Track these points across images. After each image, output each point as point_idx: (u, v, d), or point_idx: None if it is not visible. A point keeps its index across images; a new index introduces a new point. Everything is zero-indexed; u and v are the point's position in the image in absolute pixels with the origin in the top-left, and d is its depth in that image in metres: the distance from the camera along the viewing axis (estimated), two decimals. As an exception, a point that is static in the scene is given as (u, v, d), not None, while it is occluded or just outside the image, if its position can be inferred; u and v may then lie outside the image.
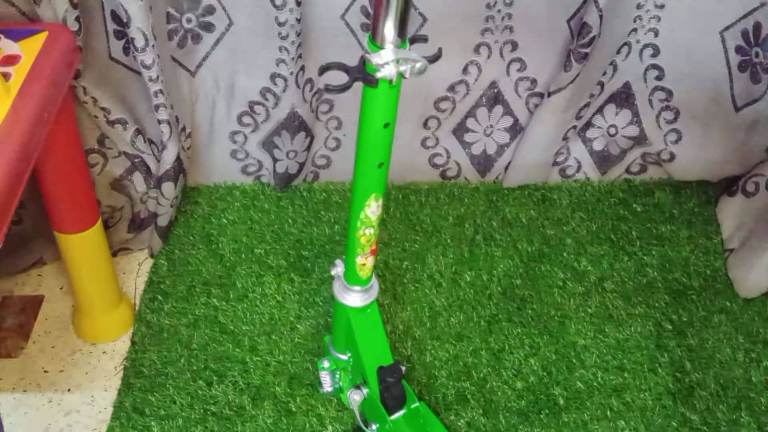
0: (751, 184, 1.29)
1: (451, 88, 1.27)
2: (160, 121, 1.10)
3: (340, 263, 0.93)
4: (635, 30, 1.22)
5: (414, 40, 0.73)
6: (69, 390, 1.08)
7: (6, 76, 0.80)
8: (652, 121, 1.32)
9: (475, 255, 1.27)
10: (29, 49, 0.84)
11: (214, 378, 1.09)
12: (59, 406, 1.06)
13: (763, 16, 1.15)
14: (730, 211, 1.32)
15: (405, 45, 0.69)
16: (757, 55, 1.18)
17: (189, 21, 1.13)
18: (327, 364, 1.03)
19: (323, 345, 1.11)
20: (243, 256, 1.25)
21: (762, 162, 1.29)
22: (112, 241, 1.23)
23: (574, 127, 1.32)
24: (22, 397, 1.07)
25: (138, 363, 1.11)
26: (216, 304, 1.18)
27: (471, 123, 1.33)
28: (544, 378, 1.11)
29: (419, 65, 0.68)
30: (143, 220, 1.26)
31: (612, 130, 1.35)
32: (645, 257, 1.28)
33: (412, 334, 1.16)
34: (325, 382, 1.03)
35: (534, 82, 1.28)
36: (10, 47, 0.84)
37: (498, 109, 1.31)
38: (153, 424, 1.03)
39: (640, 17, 1.20)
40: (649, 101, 1.30)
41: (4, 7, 0.93)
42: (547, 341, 1.15)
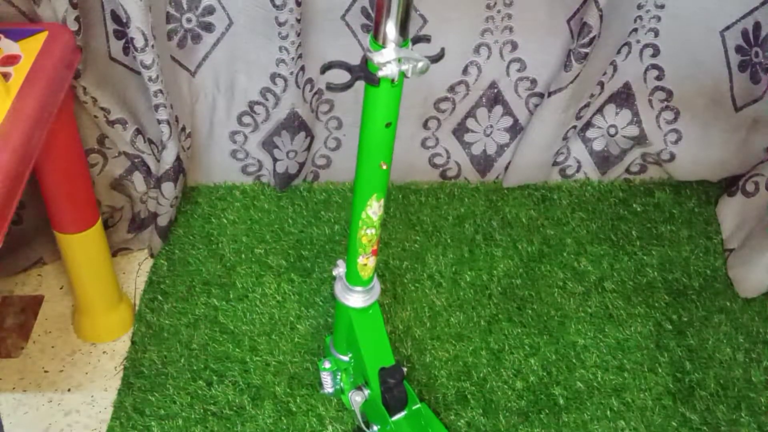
0: (751, 184, 1.29)
1: (451, 89, 1.27)
2: (159, 121, 1.09)
3: (342, 264, 0.93)
4: (635, 30, 1.22)
5: (417, 40, 0.73)
6: (69, 390, 1.08)
7: (6, 76, 0.80)
8: (652, 121, 1.32)
9: (475, 255, 1.27)
10: (29, 49, 0.84)
11: (214, 378, 1.09)
12: (59, 406, 1.06)
13: (763, 16, 1.15)
14: (730, 211, 1.32)
15: (407, 44, 0.69)
16: (757, 55, 1.18)
17: (189, 21, 1.13)
18: (328, 365, 1.03)
19: (324, 346, 1.11)
20: (243, 256, 1.25)
21: (762, 162, 1.29)
22: (112, 241, 1.23)
23: (574, 127, 1.32)
24: (22, 397, 1.07)
25: (138, 363, 1.11)
26: (216, 304, 1.18)
27: (471, 123, 1.33)
28: (544, 378, 1.11)
29: (421, 65, 0.68)
30: (143, 220, 1.25)
31: (612, 130, 1.35)
32: (645, 257, 1.28)
33: (412, 334, 1.16)
34: (326, 383, 1.03)
35: (534, 82, 1.28)
36: (10, 47, 0.84)
37: (498, 109, 1.31)
38: (153, 424, 1.03)
39: (640, 17, 1.20)
40: (649, 101, 1.30)
41: (4, 7, 0.93)
42: (547, 341, 1.15)
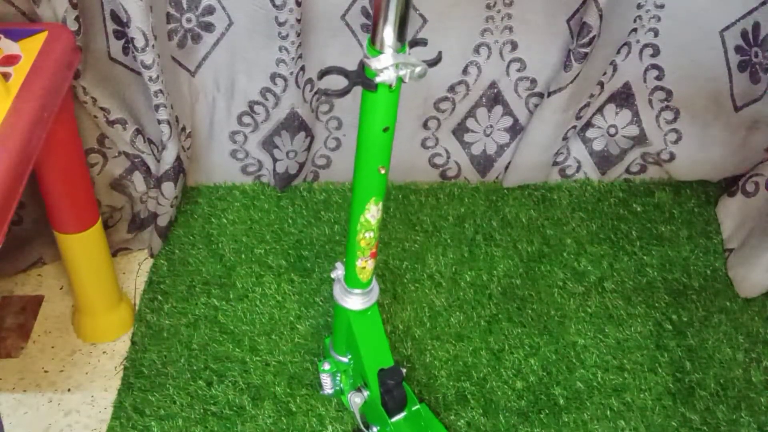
0: (751, 184, 1.29)
1: (451, 89, 1.27)
2: (159, 121, 1.09)
3: (341, 266, 0.93)
4: (635, 30, 1.22)
5: (414, 44, 0.73)
6: (69, 390, 1.08)
7: (6, 76, 0.80)
8: (652, 121, 1.32)
9: (475, 255, 1.27)
10: (29, 49, 0.84)
11: (214, 378, 1.09)
12: (59, 406, 1.06)
13: (762, 16, 1.15)
14: (730, 211, 1.32)
15: (404, 49, 0.69)
16: (756, 55, 1.18)
17: (189, 21, 1.13)
18: (328, 367, 1.03)
19: (324, 347, 1.11)
20: (243, 256, 1.25)
21: (762, 162, 1.29)
22: (112, 241, 1.23)
23: (574, 127, 1.32)
24: (22, 397, 1.07)
25: (138, 363, 1.11)
26: (216, 304, 1.18)
27: (471, 123, 1.33)
28: (544, 378, 1.11)
29: (419, 70, 0.68)
30: (143, 220, 1.26)
31: (612, 130, 1.35)
32: (645, 257, 1.28)
33: (412, 334, 1.16)
34: (325, 385, 1.04)
35: (534, 82, 1.27)
36: (10, 47, 0.84)
37: (498, 109, 1.31)
38: (153, 424, 1.03)
39: (640, 17, 1.20)
40: (649, 101, 1.30)
41: (4, 7, 0.93)
42: (547, 341, 1.15)
